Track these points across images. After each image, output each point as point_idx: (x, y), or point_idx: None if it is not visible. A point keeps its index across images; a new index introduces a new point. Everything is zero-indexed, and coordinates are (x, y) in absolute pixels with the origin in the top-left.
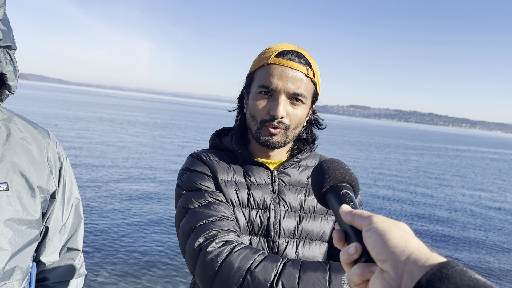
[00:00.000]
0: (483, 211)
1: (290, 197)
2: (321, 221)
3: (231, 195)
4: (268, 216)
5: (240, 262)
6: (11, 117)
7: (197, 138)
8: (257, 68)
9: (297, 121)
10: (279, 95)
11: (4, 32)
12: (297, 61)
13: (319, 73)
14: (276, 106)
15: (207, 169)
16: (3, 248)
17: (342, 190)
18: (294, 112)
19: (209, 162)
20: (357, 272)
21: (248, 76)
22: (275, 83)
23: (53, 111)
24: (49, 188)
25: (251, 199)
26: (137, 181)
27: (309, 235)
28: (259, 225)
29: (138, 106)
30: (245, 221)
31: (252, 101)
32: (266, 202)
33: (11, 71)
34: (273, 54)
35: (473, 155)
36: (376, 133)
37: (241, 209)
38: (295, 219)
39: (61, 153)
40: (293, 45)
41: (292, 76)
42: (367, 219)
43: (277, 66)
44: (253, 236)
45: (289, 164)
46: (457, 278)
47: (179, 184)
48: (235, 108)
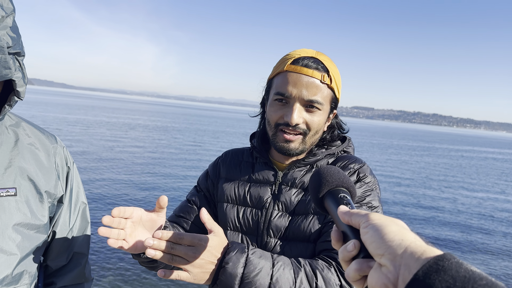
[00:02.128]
0: (487, 212)
1: (287, 198)
2: (310, 221)
3: (228, 191)
4: (259, 215)
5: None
6: (19, 123)
7: (198, 140)
8: (275, 75)
9: (316, 127)
10: (294, 102)
11: (14, 39)
12: (313, 68)
13: (340, 78)
14: (290, 113)
15: (214, 170)
16: (12, 253)
17: (340, 194)
18: (311, 118)
19: (220, 163)
20: (355, 267)
21: (267, 82)
22: (290, 90)
23: (52, 115)
24: (57, 192)
25: (248, 197)
26: (143, 184)
27: (298, 235)
28: (250, 223)
29: (140, 109)
30: (236, 219)
31: (269, 108)
32: (262, 201)
33: (20, 78)
34: (289, 61)
35: (477, 155)
36: (380, 134)
37: (236, 206)
38: (287, 220)
39: (68, 158)
40: (313, 50)
41: (306, 83)
42: (364, 217)
43: (292, 73)
44: (244, 234)
45: (296, 166)
46: (453, 270)
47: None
48: (258, 113)
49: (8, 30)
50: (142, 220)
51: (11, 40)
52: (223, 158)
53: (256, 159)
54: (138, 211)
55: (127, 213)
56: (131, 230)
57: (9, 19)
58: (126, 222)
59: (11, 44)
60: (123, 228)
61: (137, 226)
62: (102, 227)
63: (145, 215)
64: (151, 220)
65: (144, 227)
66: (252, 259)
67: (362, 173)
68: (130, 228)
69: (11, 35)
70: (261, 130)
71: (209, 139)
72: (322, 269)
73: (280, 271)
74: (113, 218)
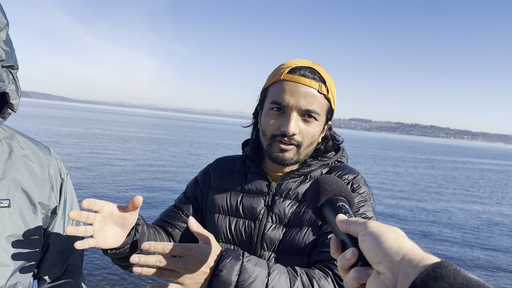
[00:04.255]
0: (483, 223)
1: (281, 210)
2: (305, 233)
3: (219, 201)
4: (252, 227)
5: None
6: (13, 135)
7: (192, 153)
8: (270, 84)
9: (311, 138)
10: (291, 111)
11: (7, 53)
12: (310, 77)
13: (335, 89)
14: (287, 122)
15: (204, 178)
16: (5, 264)
17: (338, 203)
18: (307, 129)
19: (211, 171)
20: (354, 275)
21: (262, 92)
22: (287, 100)
23: (46, 127)
24: (51, 204)
25: (240, 208)
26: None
27: (292, 248)
28: (243, 235)
29: (136, 122)
30: (228, 230)
31: (264, 117)
32: (255, 213)
33: (13, 90)
34: (285, 71)
35: (475, 166)
36: (377, 146)
37: (228, 217)
38: (281, 232)
39: (62, 169)
40: (308, 61)
41: (304, 92)
42: (362, 225)
43: (289, 82)
44: (237, 246)
45: (290, 177)
46: (451, 277)
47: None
48: (250, 124)
49: (2, 44)
50: (113, 215)
51: (5, 54)
52: (215, 166)
53: (248, 168)
54: (109, 205)
55: (97, 206)
56: (100, 226)
57: (3, 33)
58: (96, 217)
59: (4, 57)
60: (91, 223)
61: (107, 221)
62: (69, 226)
63: (116, 211)
64: (123, 217)
65: (114, 223)
66: (247, 266)
67: (356, 184)
68: (99, 223)
69: (5, 49)
70: (254, 140)
71: (205, 151)
72: (319, 279)
73: (276, 279)
74: (81, 212)
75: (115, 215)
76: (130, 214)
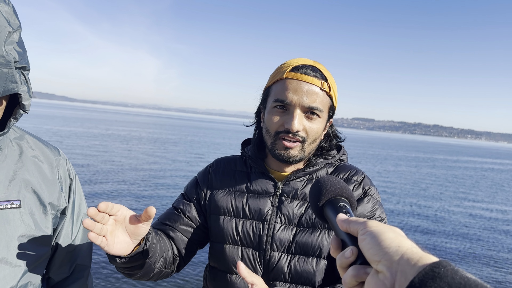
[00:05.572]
0: (486, 221)
1: (289, 210)
2: (319, 235)
3: (224, 203)
4: (261, 228)
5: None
6: (23, 136)
7: (195, 152)
8: (273, 82)
9: (314, 135)
10: (294, 109)
11: (20, 54)
12: (313, 75)
13: (336, 87)
14: (291, 119)
15: (204, 179)
16: (17, 264)
17: (339, 203)
18: (311, 126)
19: (212, 172)
20: (352, 273)
21: (264, 91)
22: (290, 97)
23: (48, 127)
24: (60, 204)
25: (247, 208)
26: (143, 195)
27: (305, 249)
28: (251, 236)
29: (139, 121)
30: (235, 232)
31: (268, 115)
32: (263, 214)
33: (25, 91)
34: (288, 69)
35: (478, 166)
36: (380, 145)
37: (234, 219)
38: (291, 233)
39: (71, 170)
40: (309, 59)
41: (307, 90)
42: (362, 224)
43: (292, 80)
44: (245, 247)
45: (296, 176)
46: (449, 277)
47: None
48: (253, 123)
49: (15, 45)
50: (125, 221)
51: (18, 55)
52: (215, 167)
53: (251, 168)
54: (124, 210)
55: (114, 210)
56: (112, 228)
57: (16, 35)
58: (110, 219)
59: (17, 58)
60: (105, 223)
61: (119, 226)
62: (87, 219)
63: (129, 218)
64: (135, 226)
65: (125, 230)
66: None
67: (366, 186)
68: (111, 225)
69: (18, 50)
70: (257, 139)
71: (207, 151)
72: None
73: None
74: (98, 212)
75: (127, 223)
76: (142, 224)
